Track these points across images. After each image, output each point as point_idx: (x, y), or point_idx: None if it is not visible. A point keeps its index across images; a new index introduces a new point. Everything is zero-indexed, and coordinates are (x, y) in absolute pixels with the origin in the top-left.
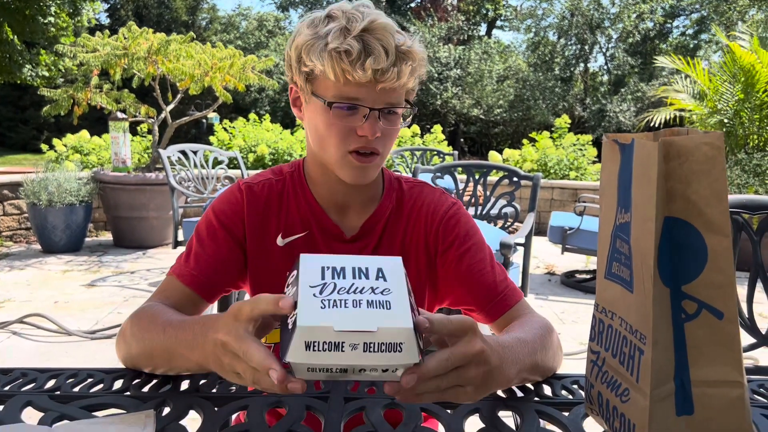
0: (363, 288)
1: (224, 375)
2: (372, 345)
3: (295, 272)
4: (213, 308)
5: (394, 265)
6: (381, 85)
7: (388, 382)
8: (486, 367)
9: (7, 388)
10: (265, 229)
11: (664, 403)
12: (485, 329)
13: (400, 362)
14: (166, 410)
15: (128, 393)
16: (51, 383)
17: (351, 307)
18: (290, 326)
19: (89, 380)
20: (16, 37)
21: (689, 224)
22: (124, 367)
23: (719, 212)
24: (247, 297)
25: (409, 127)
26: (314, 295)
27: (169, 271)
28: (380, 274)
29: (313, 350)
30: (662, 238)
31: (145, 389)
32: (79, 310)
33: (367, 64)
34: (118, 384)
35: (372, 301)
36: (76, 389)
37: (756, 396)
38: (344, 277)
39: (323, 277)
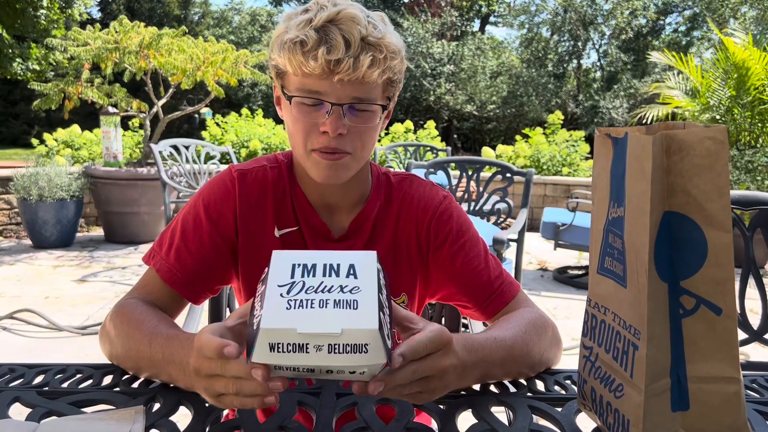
0: (332, 287)
1: (211, 401)
2: (337, 346)
3: (266, 269)
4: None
5: (367, 261)
6: (337, 76)
7: (357, 383)
8: (447, 380)
9: None
10: (260, 219)
11: (659, 398)
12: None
13: (367, 363)
14: (156, 406)
15: (118, 389)
16: (39, 379)
17: (317, 308)
18: (255, 327)
19: (78, 376)
20: (6, 30)
21: (690, 219)
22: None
23: (720, 207)
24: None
25: (387, 129)
26: (281, 295)
27: (147, 257)
28: (351, 271)
29: (278, 351)
30: (661, 232)
31: (135, 385)
32: (70, 306)
33: (319, 53)
34: (107, 380)
35: (339, 300)
36: (65, 385)
37: (748, 391)
38: (314, 275)
39: (293, 276)
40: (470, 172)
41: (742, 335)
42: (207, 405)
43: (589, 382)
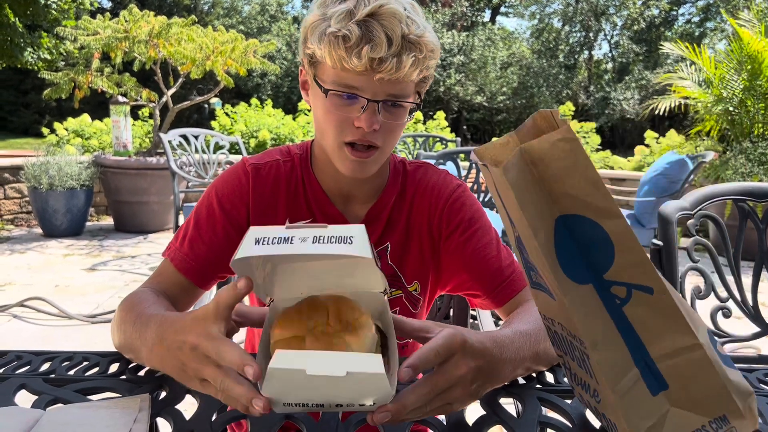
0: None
1: (184, 381)
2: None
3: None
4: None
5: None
6: (379, 75)
7: (371, 414)
8: (473, 385)
9: (1, 371)
10: (272, 213)
11: (633, 391)
12: (488, 317)
13: (373, 397)
14: (162, 394)
15: (124, 377)
16: (46, 366)
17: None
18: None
19: (84, 363)
20: (17, 19)
21: (582, 217)
22: None
23: (602, 198)
24: None
25: (410, 118)
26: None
27: (164, 252)
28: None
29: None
30: (563, 239)
31: (141, 373)
32: (80, 294)
33: (363, 51)
34: (113, 368)
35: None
36: (71, 372)
37: (762, 385)
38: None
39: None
40: None
41: (755, 329)
42: None
43: (576, 390)
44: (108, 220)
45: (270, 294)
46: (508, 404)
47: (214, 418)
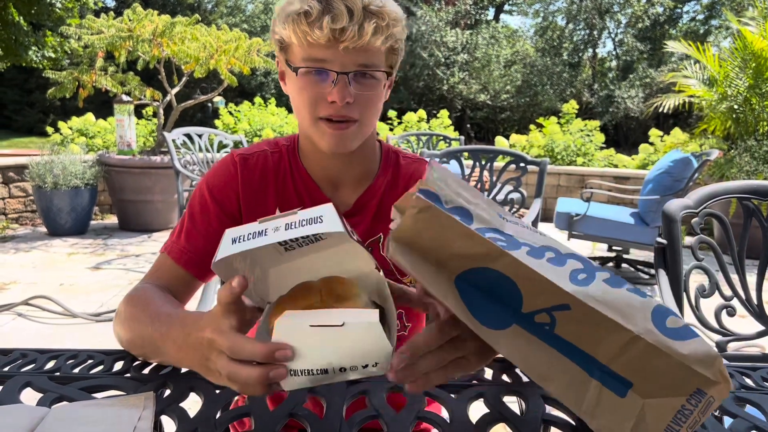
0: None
1: (209, 376)
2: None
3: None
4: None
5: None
6: (343, 44)
7: (390, 372)
8: None
9: (6, 369)
10: (263, 202)
11: (602, 401)
12: None
13: (374, 358)
14: (167, 392)
15: (128, 375)
16: (51, 364)
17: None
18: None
19: (89, 361)
20: (21, 18)
21: (474, 269)
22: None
23: (479, 245)
24: None
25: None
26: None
27: (162, 248)
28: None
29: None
30: (467, 295)
31: (146, 371)
32: (84, 293)
33: (324, 22)
34: (118, 365)
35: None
36: (76, 370)
37: (765, 383)
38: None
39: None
40: (483, 162)
41: (759, 327)
42: (217, 392)
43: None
44: (112, 219)
45: (266, 297)
46: (512, 402)
47: (218, 415)
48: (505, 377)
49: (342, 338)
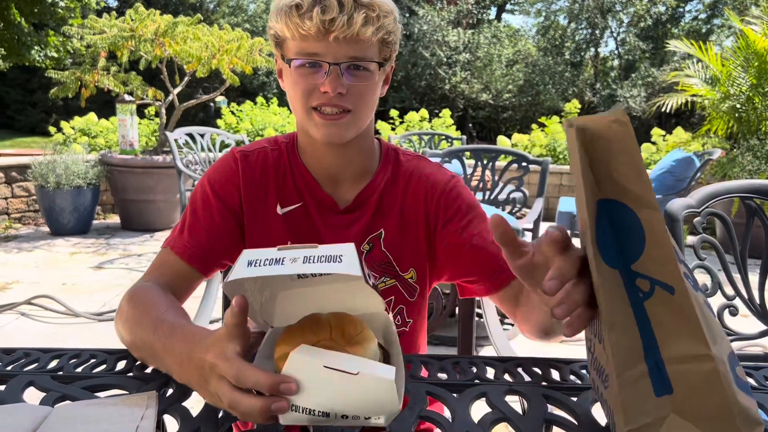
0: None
1: (207, 398)
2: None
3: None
4: (215, 286)
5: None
6: (333, 35)
7: (553, 307)
8: None
9: (9, 368)
10: (263, 198)
11: (637, 385)
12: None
13: (378, 412)
14: (170, 391)
15: (131, 374)
16: (53, 363)
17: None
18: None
19: (92, 361)
20: (24, 18)
21: (620, 203)
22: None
23: (642, 186)
24: None
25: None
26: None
27: (163, 243)
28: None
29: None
30: (601, 220)
31: (148, 370)
32: (87, 292)
33: (314, 13)
34: (121, 365)
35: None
36: (79, 370)
37: (767, 383)
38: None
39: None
40: (485, 161)
41: (761, 326)
42: None
43: (591, 374)
44: (115, 219)
45: (270, 321)
46: (514, 402)
47: (220, 415)
48: (507, 377)
49: (353, 387)
